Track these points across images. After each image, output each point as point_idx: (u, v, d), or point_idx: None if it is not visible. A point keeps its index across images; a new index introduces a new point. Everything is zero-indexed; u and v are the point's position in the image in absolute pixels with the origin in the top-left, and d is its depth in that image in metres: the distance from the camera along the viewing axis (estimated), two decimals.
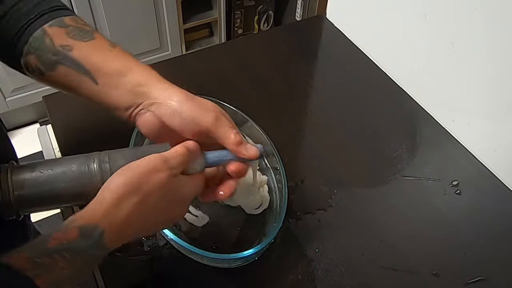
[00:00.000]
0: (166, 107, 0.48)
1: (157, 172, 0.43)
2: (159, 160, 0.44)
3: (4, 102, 1.72)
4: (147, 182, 0.42)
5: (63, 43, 0.49)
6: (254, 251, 0.55)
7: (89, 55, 0.49)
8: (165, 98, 0.48)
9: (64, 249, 0.38)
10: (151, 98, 0.49)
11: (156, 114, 0.49)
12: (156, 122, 0.49)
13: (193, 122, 0.48)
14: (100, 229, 0.40)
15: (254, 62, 0.89)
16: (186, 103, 0.48)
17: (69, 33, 0.50)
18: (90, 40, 0.50)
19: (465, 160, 0.74)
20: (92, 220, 0.40)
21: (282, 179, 0.63)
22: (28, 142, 1.77)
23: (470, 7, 0.66)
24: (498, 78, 0.66)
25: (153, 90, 0.49)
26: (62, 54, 0.49)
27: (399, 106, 0.83)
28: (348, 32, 0.95)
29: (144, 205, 0.42)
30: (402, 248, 0.63)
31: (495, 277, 0.60)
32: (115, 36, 1.71)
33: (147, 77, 0.50)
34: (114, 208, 0.41)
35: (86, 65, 0.49)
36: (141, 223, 0.43)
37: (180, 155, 0.45)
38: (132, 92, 0.49)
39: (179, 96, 0.48)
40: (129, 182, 0.42)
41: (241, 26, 2.06)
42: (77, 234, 0.39)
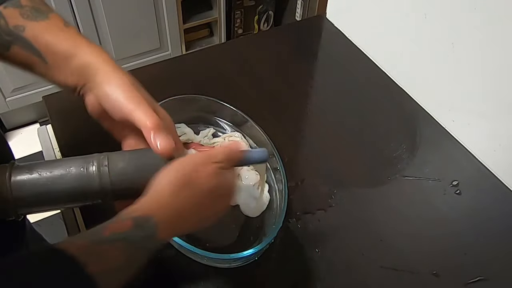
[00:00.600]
0: (101, 91, 0.49)
1: (205, 165, 0.45)
2: (204, 156, 0.46)
3: (4, 102, 1.72)
4: (198, 174, 0.44)
5: (17, 23, 0.49)
6: (254, 251, 0.55)
7: (40, 35, 0.50)
8: (104, 81, 0.49)
9: (118, 239, 0.38)
10: (92, 81, 0.49)
11: (95, 95, 0.49)
12: (96, 104, 0.50)
13: (118, 108, 0.48)
14: (154, 221, 0.40)
15: (254, 62, 0.89)
16: (118, 89, 0.48)
17: (23, 13, 0.50)
18: (43, 20, 0.50)
19: (465, 160, 0.74)
20: (146, 212, 0.41)
21: (282, 179, 0.63)
22: (28, 142, 1.77)
23: (470, 7, 0.66)
24: (498, 78, 0.66)
25: (96, 72, 0.49)
26: (15, 35, 0.49)
27: (399, 106, 0.83)
28: (348, 32, 0.95)
29: (197, 197, 0.44)
30: (402, 248, 0.63)
31: (495, 277, 0.60)
32: (115, 36, 1.71)
33: (94, 59, 0.50)
34: (169, 200, 0.42)
35: (37, 44, 0.49)
36: (193, 215, 0.45)
37: (222, 152, 0.48)
38: (77, 73, 0.49)
39: (117, 82, 0.48)
40: (182, 175, 0.44)
41: (241, 26, 2.06)
42: (132, 225, 0.39)
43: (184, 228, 0.46)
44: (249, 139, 0.71)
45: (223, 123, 0.73)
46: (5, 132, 1.88)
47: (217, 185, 0.45)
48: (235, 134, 0.71)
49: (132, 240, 0.39)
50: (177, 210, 0.43)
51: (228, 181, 0.48)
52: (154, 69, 0.89)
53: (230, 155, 0.48)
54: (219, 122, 0.73)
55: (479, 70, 0.69)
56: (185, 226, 0.45)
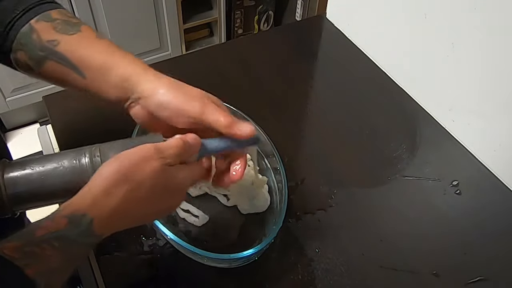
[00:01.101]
0: (152, 100, 0.48)
1: (149, 160, 0.42)
2: (152, 149, 0.43)
3: (4, 102, 1.72)
4: (138, 170, 0.42)
5: (50, 38, 0.49)
6: (254, 251, 0.55)
7: (75, 48, 0.49)
8: (150, 91, 0.48)
9: (53, 238, 0.37)
10: (138, 92, 0.48)
11: (144, 107, 0.49)
12: (147, 114, 0.49)
13: (181, 114, 0.47)
14: (89, 217, 0.39)
15: (254, 62, 0.89)
16: (170, 94, 0.48)
17: (55, 27, 0.49)
18: (76, 33, 0.50)
19: (465, 160, 0.74)
20: (81, 208, 0.39)
21: (282, 179, 0.63)
22: (28, 142, 1.77)
23: (470, 7, 0.66)
24: (498, 78, 0.66)
25: (139, 83, 0.48)
26: (49, 49, 0.49)
27: (399, 106, 0.83)
28: (348, 32, 0.95)
29: (136, 193, 0.42)
30: (402, 248, 0.63)
31: (495, 277, 0.60)
32: (115, 36, 1.71)
33: (131, 71, 0.49)
34: (104, 196, 0.40)
35: (72, 59, 0.49)
36: (132, 212, 0.43)
37: (174, 146, 0.44)
38: (118, 87, 0.49)
39: (164, 88, 0.48)
40: (120, 170, 0.41)
41: (241, 26, 2.06)
42: (66, 222, 0.38)
43: (125, 223, 0.43)
44: None
45: None
46: (5, 132, 1.88)
47: (160, 182, 0.43)
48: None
49: (67, 238, 0.38)
50: (114, 205, 0.40)
51: (175, 179, 0.45)
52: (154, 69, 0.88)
53: (182, 149, 0.45)
54: None
55: (479, 70, 0.69)
56: (127, 221, 0.43)
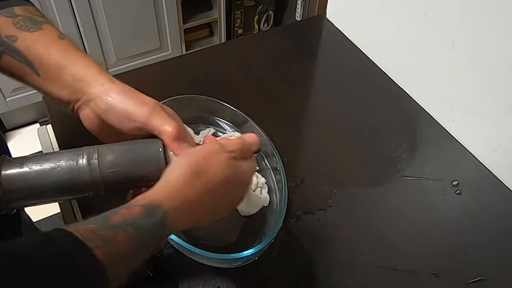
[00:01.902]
0: (102, 103, 0.47)
1: (218, 154, 0.45)
2: (218, 145, 0.46)
3: (4, 102, 1.72)
4: (209, 164, 0.44)
5: (9, 33, 0.49)
6: (254, 251, 0.55)
7: (32, 46, 0.49)
8: (101, 94, 0.47)
9: (128, 225, 0.38)
10: (89, 94, 0.48)
11: (94, 110, 0.48)
12: (96, 117, 0.49)
13: (128, 118, 0.47)
14: (164, 209, 0.40)
15: (254, 62, 0.89)
16: (121, 98, 0.47)
17: (16, 23, 0.49)
18: (37, 30, 0.49)
19: (465, 160, 0.74)
20: (157, 200, 0.41)
21: (282, 179, 0.63)
22: (28, 142, 1.77)
23: (470, 7, 0.66)
24: (498, 78, 0.66)
25: (91, 85, 0.48)
26: (7, 44, 0.48)
27: (399, 106, 0.83)
28: (348, 32, 0.95)
29: (209, 187, 0.43)
30: (402, 248, 0.63)
31: (495, 277, 0.60)
32: (115, 36, 1.71)
33: (86, 72, 0.49)
34: (180, 190, 0.42)
35: (29, 55, 0.48)
36: (205, 205, 0.44)
37: (236, 143, 0.47)
38: (71, 87, 0.48)
39: (115, 92, 0.47)
40: (195, 163, 0.43)
41: (241, 26, 2.06)
42: (142, 211, 0.39)
43: (196, 217, 0.45)
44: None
45: (223, 123, 0.73)
46: (5, 132, 1.88)
47: (229, 175, 0.45)
48: (235, 134, 0.71)
49: (142, 226, 0.39)
50: (188, 199, 0.42)
51: (241, 171, 0.47)
52: (154, 69, 0.89)
53: (244, 146, 0.48)
54: (219, 122, 0.73)
55: (479, 70, 0.69)
56: (197, 216, 0.45)
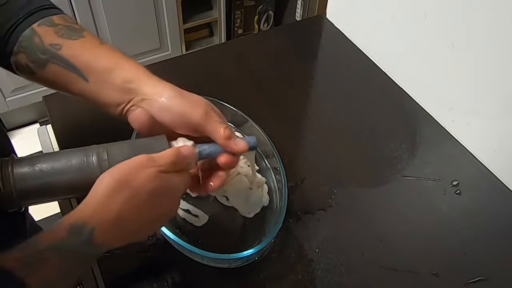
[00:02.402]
0: (156, 103, 0.48)
1: (144, 168, 0.43)
2: (146, 159, 0.44)
3: (4, 102, 1.72)
4: (135, 177, 0.43)
5: (53, 41, 0.49)
6: (254, 251, 0.55)
7: (78, 53, 0.49)
8: (154, 94, 0.48)
9: (54, 248, 0.38)
10: (141, 95, 0.49)
11: (146, 110, 0.49)
12: (147, 118, 0.49)
13: (183, 118, 0.48)
14: (90, 227, 0.40)
15: (254, 62, 0.89)
16: (175, 99, 0.48)
17: (58, 32, 0.50)
18: (79, 38, 0.50)
19: (465, 160, 0.74)
20: (82, 218, 0.40)
21: (282, 179, 0.63)
22: (28, 142, 1.77)
23: (470, 7, 0.66)
24: (498, 78, 0.66)
25: (142, 86, 0.49)
26: (52, 53, 0.49)
27: (399, 106, 0.83)
28: (348, 32, 0.95)
29: (134, 200, 0.42)
30: (402, 248, 0.63)
31: (495, 277, 0.60)
32: (115, 36, 1.71)
33: (136, 73, 0.50)
34: (104, 205, 0.41)
35: (76, 63, 0.49)
36: (132, 220, 0.43)
37: (168, 156, 0.45)
38: (122, 89, 0.49)
39: (168, 92, 0.49)
40: (118, 179, 0.42)
41: (241, 26, 2.06)
42: (67, 232, 0.39)
43: (126, 232, 0.44)
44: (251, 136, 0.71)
45: None
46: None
47: (156, 188, 0.44)
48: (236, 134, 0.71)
49: (68, 248, 0.38)
50: (113, 213, 0.41)
51: (170, 185, 0.45)
52: (154, 69, 0.88)
53: (178, 158, 0.46)
54: None
55: (479, 70, 0.69)
56: (127, 230, 0.44)
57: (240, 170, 0.67)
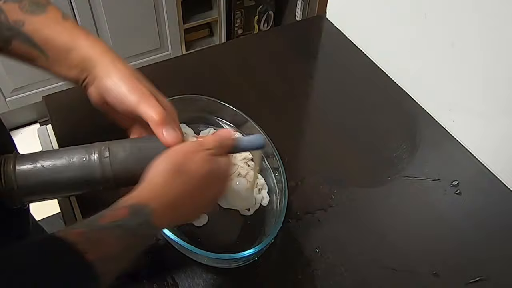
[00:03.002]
0: (102, 85, 0.49)
1: (197, 152, 0.46)
2: (195, 144, 0.47)
3: (4, 102, 1.72)
4: (189, 161, 0.45)
5: (16, 18, 0.50)
6: (254, 251, 0.55)
7: (40, 29, 0.50)
8: (104, 75, 0.49)
9: (115, 226, 0.39)
10: (93, 74, 0.50)
11: (97, 88, 0.50)
12: (98, 96, 0.51)
13: (120, 102, 0.49)
14: (149, 208, 0.41)
15: (254, 62, 0.89)
16: (117, 82, 0.49)
17: (22, 8, 0.51)
18: (41, 14, 0.51)
19: (465, 160, 0.74)
20: (142, 200, 0.42)
21: (282, 179, 0.63)
22: (28, 142, 1.76)
23: (470, 7, 0.66)
24: (498, 78, 0.66)
25: (96, 65, 0.50)
26: (15, 30, 0.50)
27: (399, 106, 0.83)
28: (348, 32, 0.95)
29: (190, 184, 0.45)
30: (402, 248, 0.63)
31: (495, 277, 0.60)
32: (115, 36, 1.71)
33: (94, 52, 0.50)
34: (163, 189, 0.43)
35: (36, 39, 0.50)
36: (188, 202, 0.45)
37: (212, 139, 0.48)
38: (77, 67, 0.50)
39: (117, 75, 0.49)
40: (174, 162, 0.44)
41: (241, 26, 2.06)
42: (128, 212, 0.40)
43: (180, 214, 0.46)
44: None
45: (223, 123, 0.73)
46: None
47: (208, 170, 0.46)
48: (236, 134, 0.71)
49: (128, 227, 0.40)
50: (171, 197, 0.43)
51: (220, 167, 0.48)
52: (154, 69, 0.89)
53: (221, 142, 0.49)
54: (219, 122, 0.73)
55: (479, 70, 0.69)
56: (181, 213, 0.46)
57: (240, 170, 0.67)
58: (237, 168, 0.67)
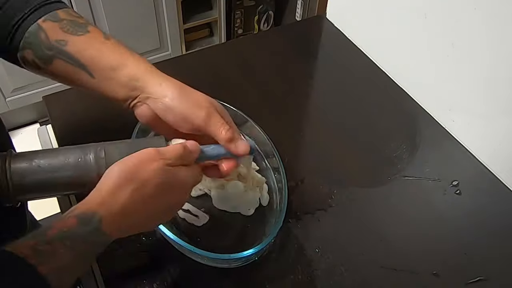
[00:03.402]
0: (159, 103, 0.49)
1: (152, 161, 0.45)
2: (154, 152, 0.45)
3: (4, 102, 1.72)
4: (142, 170, 0.44)
5: (58, 37, 0.50)
6: (254, 251, 0.55)
7: (84, 49, 0.50)
8: (158, 94, 0.49)
9: (65, 237, 0.39)
10: (146, 93, 0.50)
11: (151, 107, 0.50)
12: (152, 115, 0.51)
13: (186, 121, 0.49)
14: (98, 216, 0.41)
15: (254, 62, 0.89)
16: (177, 100, 0.49)
17: (63, 27, 0.50)
18: (84, 33, 0.51)
19: (465, 160, 0.74)
20: (91, 208, 0.41)
21: (282, 179, 0.63)
22: (28, 142, 1.76)
23: (470, 7, 0.66)
24: (498, 78, 0.66)
25: (147, 84, 0.50)
26: (57, 49, 0.50)
27: (399, 106, 0.83)
28: (348, 32, 0.95)
29: (141, 192, 0.43)
30: (402, 248, 0.63)
31: (495, 277, 0.60)
32: (115, 36, 1.70)
33: (141, 70, 0.50)
34: (112, 195, 0.42)
35: (81, 59, 0.50)
36: (140, 211, 0.44)
37: (175, 150, 0.47)
38: (127, 86, 0.50)
39: (172, 93, 0.49)
40: (126, 170, 0.43)
41: (241, 26, 2.06)
42: (76, 221, 0.40)
43: (133, 222, 0.45)
44: (249, 139, 0.71)
45: None
46: None
47: (164, 180, 0.45)
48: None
49: (78, 237, 0.39)
50: (121, 204, 0.42)
51: (177, 178, 0.46)
52: None
53: (183, 154, 0.47)
54: None
55: (479, 70, 0.69)
56: (134, 221, 0.44)
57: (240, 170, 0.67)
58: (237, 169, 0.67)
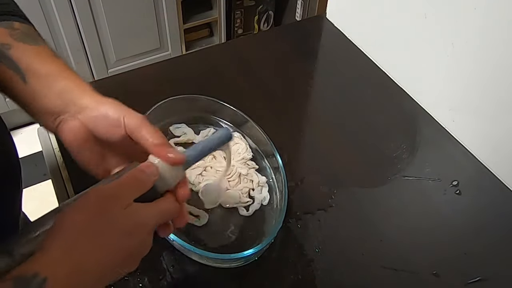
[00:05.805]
0: (93, 112, 0.46)
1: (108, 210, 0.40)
2: (109, 196, 0.41)
3: (4, 102, 1.71)
4: (97, 223, 0.39)
5: (4, 41, 0.48)
6: (254, 251, 0.55)
7: (26, 55, 0.47)
8: (93, 105, 0.46)
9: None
10: (80, 105, 0.46)
11: (82, 121, 0.46)
12: (81, 130, 0.47)
13: (119, 124, 0.45)
14: (41, 277, 0.34)
15: (254, 62, 0.89)
16: (113, 106, 0.46)
17: (13, 34, 0.48)
18: (33, 45, 0.49)
19: (465, 160, 0.74)
20: (31, 268, 0.35)
21: (282, 179, 0.63)
22: (28, 142, 1.76)
23: (470, 7, 0.66)
24: (498, 78, 0.66)
25: (83, 97, 0.46)
26: (0, 52, 0.47)
27: (399, 106, 0.83)
28: (348, 32, 0.95)
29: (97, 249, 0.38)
30: (402, 248, 0.63)
31: (495, 277, 0.60)
32: (115, 36, 1.71)
33: (78, 84, 0.47)
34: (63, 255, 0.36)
35: (19, 63, 0.47)
36: (96, 269, 0.38)
37: (128, 186, 0.42)
38: (60, 98, 0.46)
39: (107, 104, 0.46)
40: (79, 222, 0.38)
41: (241, 26, 2.06)
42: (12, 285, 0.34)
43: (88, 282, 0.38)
44: (249, 139, 0.71)
45: (223, 123, 0.73)
46: None
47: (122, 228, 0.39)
48: (235, 134, 0.71)
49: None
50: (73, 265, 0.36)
51: (137, 221, 0.41)
52: (154, 69, 0.89)
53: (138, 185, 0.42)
54: (219, 122, 0.73)
55: (479, 70, 0.69)
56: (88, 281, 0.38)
57: (240, 170, 0.67)
58: (236, 168, 0.67)
